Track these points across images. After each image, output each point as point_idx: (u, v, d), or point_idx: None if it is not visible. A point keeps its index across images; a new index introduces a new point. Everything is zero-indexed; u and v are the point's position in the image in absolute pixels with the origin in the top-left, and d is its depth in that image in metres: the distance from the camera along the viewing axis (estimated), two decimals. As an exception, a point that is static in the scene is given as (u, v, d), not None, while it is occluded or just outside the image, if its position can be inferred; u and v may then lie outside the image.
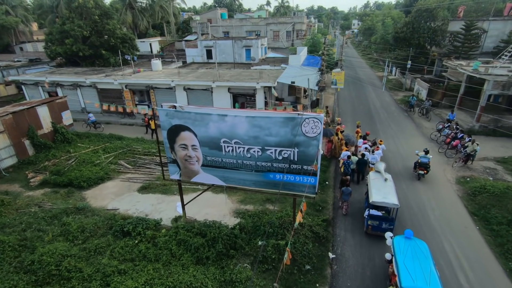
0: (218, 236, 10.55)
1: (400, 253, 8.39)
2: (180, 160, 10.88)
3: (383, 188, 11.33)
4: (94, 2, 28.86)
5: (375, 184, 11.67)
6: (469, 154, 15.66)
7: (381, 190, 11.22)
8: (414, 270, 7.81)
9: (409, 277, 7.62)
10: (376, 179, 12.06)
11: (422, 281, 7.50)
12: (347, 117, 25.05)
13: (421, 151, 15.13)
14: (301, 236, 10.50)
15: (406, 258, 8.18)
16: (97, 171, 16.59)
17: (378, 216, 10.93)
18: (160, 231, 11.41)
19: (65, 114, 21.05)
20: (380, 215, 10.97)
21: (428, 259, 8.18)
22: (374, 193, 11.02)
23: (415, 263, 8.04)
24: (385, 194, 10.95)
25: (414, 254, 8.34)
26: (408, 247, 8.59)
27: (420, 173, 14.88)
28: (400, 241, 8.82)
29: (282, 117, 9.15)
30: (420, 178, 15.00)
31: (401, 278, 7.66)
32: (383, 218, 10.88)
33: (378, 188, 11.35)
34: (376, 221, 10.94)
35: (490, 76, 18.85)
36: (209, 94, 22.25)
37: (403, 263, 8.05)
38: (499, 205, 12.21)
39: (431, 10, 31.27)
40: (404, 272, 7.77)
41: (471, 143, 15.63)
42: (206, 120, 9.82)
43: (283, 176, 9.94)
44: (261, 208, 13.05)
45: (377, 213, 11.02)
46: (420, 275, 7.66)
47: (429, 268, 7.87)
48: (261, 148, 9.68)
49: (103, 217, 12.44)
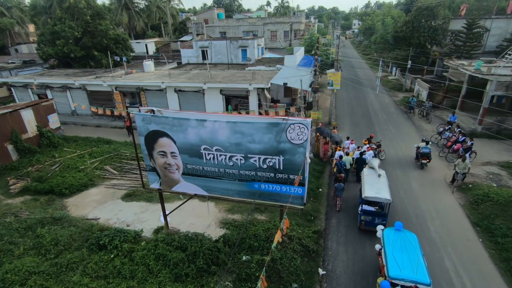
0: (199, 251, 9.78)
1: (389, 244, 8.56)
2: (159, 168, 10.13)
3: (376, 184, 11.40)
4: (85, 2, 28.21)
5: (369, 180, 11.77)
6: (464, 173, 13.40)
7: (374, 185, 11.30)
8: (402, 260, 7.97)
9: (397, 267, 7.80)
10: (370, 175, 12.17)
11: (409, 271, 7.65)
12: (345, 119, 24.27)
13: (420, 143, 16.30)
14: (288, 251, 9.70)
15: (395, 249, 8.35)
16: (81, 177, 15.87)
17: (371, 212, 10.98)
18: (139, 244, 10.65)
19: (51, 117, 20.35)
20: (373, 210, 11.03)
21: (417, 250, 8.33)
22: (367, 189, 11.11)
23: (403, 253, 8.20)
24: (378, 189, 11.02)
25: (403, 245, 8.50)
26: (398, 238, 8.74)
27: (423, 162, 15.84)
28: (390, 233, 8.99)
29: (265, 123, 8.39)
30: (423, 167, 15.99)
31: (389, 268, 7.82)
32: (376, 213, 10.91)
33: (371, 184, 11.43)
34: (369, 217, 10.96)
35: (493, 76, 17.99)
36: (201, 96, 21.50)
37: (391, 253, 8.22)
38: (503, 215, 11.36)
39: (431, 8, 30.39)
40: (392, 262, 7.94)
41: (462, 160, 13.29)
42: (184, 126, 9.06)
43: (268, 185, 9.21)
44: (249, 218, 12.25)
45: (370, 208, 11.07)
46: (407, 265, 7.82)
47: (417, 258, 8.03)
48: (244, 155, 8.91)
49: (81, 228, 11.69)
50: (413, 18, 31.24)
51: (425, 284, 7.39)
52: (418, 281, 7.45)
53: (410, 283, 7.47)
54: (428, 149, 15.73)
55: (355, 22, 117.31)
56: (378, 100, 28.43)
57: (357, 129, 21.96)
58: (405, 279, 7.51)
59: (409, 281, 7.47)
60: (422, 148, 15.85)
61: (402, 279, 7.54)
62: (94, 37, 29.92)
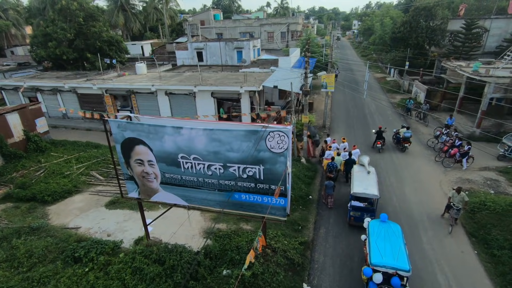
0: (178, 264, 9.29)
1: (374, 234, 8.93)
2: (137, 176, 9.65)
3: (365, 180, 11.73)
4: (78, 4, 27.80)
5: (358, 177, 12.09)
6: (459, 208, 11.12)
7: (363, 182, 11.63)
8: (384, 249, 8.31)
9: (379, 255, 8.15)
10: (359, 172, 12.50)
11: (390, 258, 7.98)
12: (340, 122, 23.76)
13: (401, 129, 18.04)
14: (271, 264, 9.18)
15: (378, 239, 8.70)
16: (65, 183, 15.43)
17: (360, 207, 11.24)
18: (117, 256, 10.17)
19: (39, 121, 19.93)
20: (361, 206, 11.28)
21: (399, 239, 8.66)
22: (356, 185, 11.45)
23: (386, 242, 8.54)
24: (366, 185, 11.33)
25: (387, 235, 8.84)
26: (382, 229, 9.09)
27: (404, 146, 17.65)
28: (375, 224, 9.36)
29: (244, 130, 7.89)
30: (404, 150, 17.76)
31: (371, 256, 8.20)
32: (364, 209, 11.18)
33: (360, 180, 11.76)
34: (358, 212, 11.23)
35: (491, 78, 17.42)
36: (192, 99, 21.04)
37: (375, 243, 8.56)
38: (500, 224, 10.80)
39: (429, 8, 29.80)
40: (375, 251, 8.31)
41: (457, 192, 10.93)
42: (160, 133, 8.57)
43: (248, 196, 8.73)
44: (234, 227, 11.77)
45: (359, 204, 11.34)
46: (389, 253, 8.16)
47: (399, 247, 8.35)
48: (223, 165, 8.42)
49: (58, 238, 11.22)
50: (410, 19, 30.66)
51: (404, 271, 7.74)
52: (398, 268, 7.77)
53: (390, 270, 7.82)
54: (410, 133, 17.61)
55: (355, 23, 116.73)
56: (375, 102, 27.88)
57: (351, 131, 21.45)
58: (386, 266, 7.86)
59: (390, 268, 7.82)
60: (404, 133, 17.60)
61: (383, 266, 7.89)
62: (87, 39, 29.52)
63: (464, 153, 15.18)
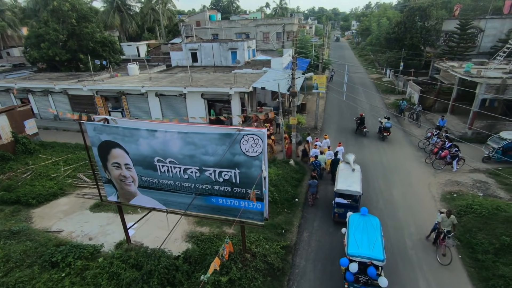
0: (155, 269, 9.14)
1: (353, 226, 9.22)
2: (115, 180, 9.52)
3: (350, 178, 11.92)
4: (70, 5, 27.69)
5: (343, 174, 12.26)
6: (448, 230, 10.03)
7: (348, 179, 11.80)
8: (361, 240, 8.61)
9: (355, 245, 8.45)
10: (344, 170, 12.68)
11: (366, 249, 8.29)
12: (332, 123, 23.59)
13: (383, 119, 19.39)
14: (250, 269, 9.01)
15: (357, 231, 9.01)
16: (51, 186, 15.28)
17: (344, 204, 11.41)
18: (96, 261, 10.02)
19: (28, 123, 19.80)
20: (345, 203, 11.41)
21: (377, 232, 8.94)
22: (340, 182, 11.64)
23: (364, 234, 8.84)
24: (350, 183, 11.54)
25: (365, 227, 9.12)
26: (361, 221, 9.38)
27: (384, 135, 19.25)
28: (355, 217, 9.66)
29: (218, 133, 7.75)
30: (384, 139, 19.30)
31: (348, 247, 8.52)
32: (348, 205, 11.35)
33: (345, 178, 11.94)
34: (342, 209, 11.42)
35: (483, 79, 17.24)
36: (183, 101, 20.90)
37: (353, 235, 8.88)
38: (486, 228, 10.61)
39: (423, 8, 29.61)
40: (352, 242, 8.63)
41: (447, 215, 9.96)
42: (136, 136, 8.45)
43: (225, 200, 8.59)
44: (217, 231, 11.60)
45: (343, 201, 11.44)
46: (365, 244, 8.46)
47: (375, 239, 8.63)
48: (199, 168, 8.29)
49: (38, 242, 11.06)
50: (405, 19, 30.46)
51: (378, 260, 8.03)
52: (372, 258, 8.07)
53: (366, 259, 8.12)
54: (390, 124, 19.18)
55: (354, 23, 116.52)
56: (369, 103, 27.69)
57: (343, 132, 21.29)
58: (361, 256, 8.16)
59: (365, 258, 8.13)
60: (384, 123, 19.07)
61: (359, 256, 8.18)
62: (80, 40, 29.41)
63: (453, 156, 14.99)
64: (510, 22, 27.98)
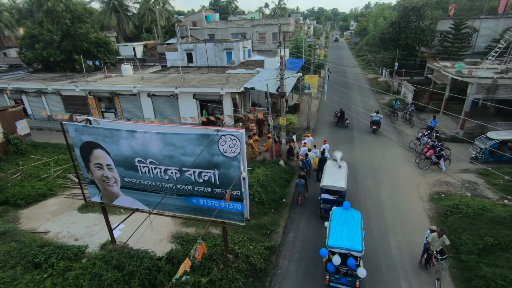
0: (136, 270, 9.13)
1: (334, 220, 9.52)
2: (97, 181, 9.53)
3: (336, 174, 12.23)
4: (64, 5, 27.70)
5: (329, 171, 12.57)
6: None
7: (333, 176, 12.12)
8: (341, 233, 8.89)
9: (336, 237, 8.74)
10: (331, 166, 12.98)
11: (346, 241, 8.57)
12: (325, 123, 23.55)
13: (373, 114, 20.75)
14: (231, 270, 8.99)
15: (338, 224, 9.29)
16: (40, 186, 15.28)
17: (329, 200, 11.69)
18: (79, 262, 10.01)
19: (20, 123, 19.80)
20: (331, 198, 11.69)
21: (357, 225, 9.19)
22: (325, 178, 11.96)
23: (344, 227, 9.12)
24: (335, 179, 11.82)
25: (346, 220, 9.41)
26: (343, 215, 9.68)
27: (374, 128, 20.39)
28: (338, 211, 9.95)
29: (196, 134, 7.74)
30: (374, 132, 20.47)
31: (329, 239, 8.81)
32: (334, 201, 11.60)
33: (331, 174, 12.26)
34: (328, 204, 11.66)
35: (473, 79, 17.20)
36: (175, 101, 20.89)
37: (334, 227, 9.17)
38: (471, 228, 10.58)
39: (418, 9, 29.58)
40: (333, 234, 8.91)
41: (438, 235, 8.79)
42: (116, 137, 8.44)
43: (206, 201, 8.58)
44: (203, 231, 11.56)
45: (329, 197, 11.72)
46: (345, 236, 8.73)
47: (355, 231, 8.91)
48: (179, 169, 8.28)
49: (23, 243, 11.06)
50: (399, 19, 30.45)
51: (357, 251, 8.32)
52: (351, 249, 8.33)
53: (345, 251, 8.39)
54: (379, 117, 20.43)
55: (352, 23, 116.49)
56: (363, 103, 27.68)
57: (335, 132, 21.26)
58: (341, 247, 8.44)
59: (344, 249, 8.40)
60: (374, 117, 20.44)
61: (338, 247, 8.46)
62: (75, 40, 29.42)
63: (439, 155, 15.00)
64: (505, 22, 27.96)
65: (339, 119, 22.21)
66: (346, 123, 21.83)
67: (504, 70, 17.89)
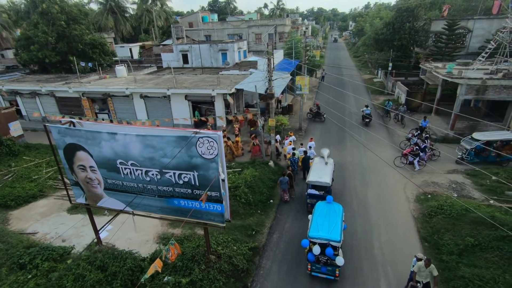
0: (119, 271, 9.22)
1: (317, 212, 10.01)
2: (82, 182, 9.62)
3: (322, 170, 12.70)
4: (59, 7, 27.82)
5: (316, 167, 13.05)
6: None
7: (319, 172, 12.58)
8: (322, 224, 9.40)
9: (316, 229, 9.25)
10: (318, 163, 13.48)
11: (325, 232, 9.08)
12: (317, 124, 23.62)
13: (364, 108, 22.56)
14: (213, 271, 9.07)
15: (320, 216, 9.78)
16: (31, 188, 15.38)
17: (315, 195, 12.14)
18: (64, 262, 10.11)
19: (13, 125, 19.93)
20: (316, 193, 12.13)
21: (338, 217, 9.71)
22: (312, 174, 12.45)
23: (325, 219, 9.62)
24: (321, 175, 12.30)
25: (328, 213, 9.90)
26: (325, 208, 10.17)
27: (366, 121, 22.14)
28: (321, 205, 10.45)
29: (174, 136, 7.85)
30: (367, 124, 22.13)
31: (310, 230, 9.32)
32: (319, 196, 11.99)
33: (317, 170, 12.73)
34: (314, 199, 11.94)
35: (463, 80, 17.26)
36: (167, 102, 20.98)
37: (316, 220, 9.66)
38: (454, 229, 10.65)
39: (411, 9, 29.64)
40: (314, 226, 9.42)
41: (425, 265, 7.96)
42: (98, 139, 8.54)
43: (187, 202, 8.66)
44: (189, 232, 11.67)
45: (315, 192, 12.18)
46: (325, 228, 9.24)
47: (335, 223, 9.42)
48: (159, 171, 8.38)
49: (10, 244, 11.16)
50: (393, 20, 30.51)
51: (335, 241, 8.79)
52: (330, 239, 8.83)
53: (324, 241, 8.87)
54: (369, 110, 22.28)
55: (351, 24, 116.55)
56: (357, 103, 27.72)
57: (327, 133, 21.34)
58: (320, 238, 8.93)
59: (324, 239, 8.89)
60: (365, 110, 22.19)
61: (318, 238, 8.95)
62: (70, 42, 29.53)
63: (416, 154, 15.21)
64: (498, 22, 27.95)
65: (316, 114, 23.81)
66: (323, 117, 23.41)
67: (494, 71, 17.94)
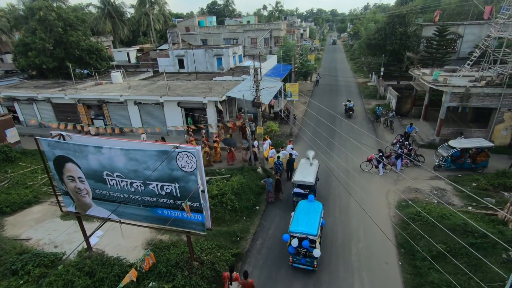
0: (106, 277, 9.68)
1: (298, 210, 10.89)
2: (71, 192, 10.10)
3: (306, 171, 13.52)
4: (56, 14, 28.36)
5: (301, 168, 13.88)
6: None
7: (303, 172, 13.44)
8: (302, 220, 10.30)
9: (296, 224, 10.17)
10: (304, 164, 14.30)
11: (304, 227, 9.99)
12: (309, 128, 24.03)
13: (347, 102, 25.97)
14: (195, 277, 9.52)
15: (301, 213, 10.65)
16: (26, 194, 15.85)
17: (300, 193, 13.01)
18: (56, 268, 10.55)
19: (9, 131, 20.41)
20: (301, 192, 13.01)
21: (317, 213, 10.63)
22: (296, 174, 13.36)
23: (305, 216, 10.51)
24: (305, 175, 13.16)
25: (308, 210, 10.82)
26: (306, 206, 11.10)
27: (350, 113, 25.51)
28: (303, 203, 11.37)
29: (156, 150, 8.32)
30: (351, 116, 25.42)
31: (291, 225, 10.23)
32: (304, 195, 12.86)
33: (302, 171, 13.55)
34: (299, 198, 12.76)
35: (447, 88, 17.70)
36: (161, 109, 21.46)
37: (297, 216, 10.53)
38: (429, 235, 11.03)
39: (403, 15, 30.10)
40: (295, 221, 10.31)
41: None
42: (85, 152, 9.02)
43: (170, 212, 9.13)
44: (176, 238, 12.13)
45: (300, 190, 13.07)
46: (304, 223, 10.15)
47: (314, 219, 10.33)
48: (143, 182, 8.86)
49: (4, 250, 11.62)
50: (385, 25, 30.98)
51: (312, 235, 9.69)
52: (307, 233, 9.75)
53: (303, 235, 9.79)
54: (352, 104, 25.73)
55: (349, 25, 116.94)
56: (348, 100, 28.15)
57: (317, 137, 21.72)
58: (299, 232, 9.86)
59: (302, 233, 9.80)
60: (348, 104, 25.48)
61: (297, 232, 9.87)
62: (67, 48, 30.05)
63: (397, 156, 15.76)
64: (488, 28, 28.32)
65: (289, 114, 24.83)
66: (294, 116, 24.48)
67: (479, 78, 18.37)
